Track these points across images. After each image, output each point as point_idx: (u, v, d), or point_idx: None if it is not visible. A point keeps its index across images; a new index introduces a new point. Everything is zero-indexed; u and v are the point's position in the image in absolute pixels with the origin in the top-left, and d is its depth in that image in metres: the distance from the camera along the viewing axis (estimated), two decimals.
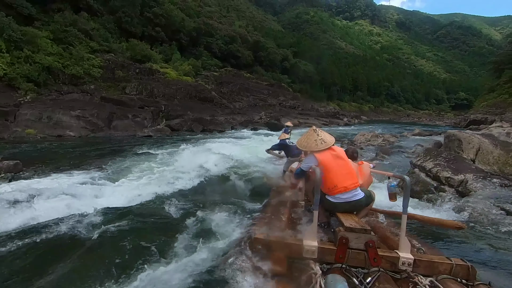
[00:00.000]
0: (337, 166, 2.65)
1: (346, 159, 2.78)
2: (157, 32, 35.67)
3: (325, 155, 2.69)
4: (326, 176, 2.60)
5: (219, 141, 12.43)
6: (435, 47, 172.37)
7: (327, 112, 33.95)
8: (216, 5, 78.76)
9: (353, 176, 2.71)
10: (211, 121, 19.15)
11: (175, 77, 28.52)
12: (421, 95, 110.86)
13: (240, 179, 6.14)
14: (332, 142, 2.80)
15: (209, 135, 15.94)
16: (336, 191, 2.61)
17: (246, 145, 11.51)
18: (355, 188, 2.66)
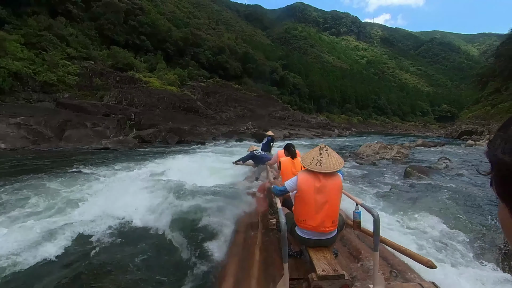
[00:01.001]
0: (314, 202, 2.30)
1: (330, 197, 2.31)
2: (142, 41, 34.51)
3: (308, 182, 2.33)
4: (299, 206, 2.39)
5: (190, 156, 10.68)
6: (418, 62, 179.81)
7: (318, 123, 33.18)
8: (205, 18, 79.27)
9: (327, 220, 2.30)
10: (190, 131, 17.51)
11: (158, 86, 27.11)
12: (407, 107, 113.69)
13: (182, 231, 3.83)
14: (332, 169, 2.31)
15: (184, 148, 14.11)
16: (303, 225, 2.36)
17: (220, 162, 9.33)
18: (325, 233, 2.33)
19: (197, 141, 16.23)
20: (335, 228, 2.38)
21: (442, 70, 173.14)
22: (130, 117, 17.70)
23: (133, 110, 19.23)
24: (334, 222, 2.35)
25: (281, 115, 30.58)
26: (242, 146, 15.16)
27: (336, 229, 2.40)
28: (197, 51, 41.84)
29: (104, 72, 25.18)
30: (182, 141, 15.85)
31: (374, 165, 9.95)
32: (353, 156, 11.29)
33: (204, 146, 15.32)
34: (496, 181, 0.34)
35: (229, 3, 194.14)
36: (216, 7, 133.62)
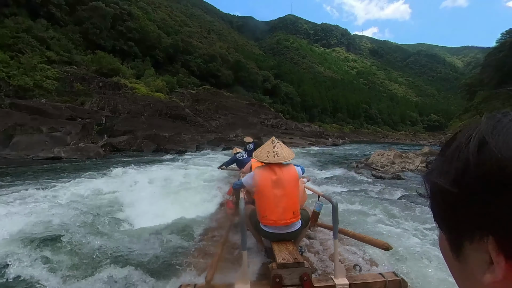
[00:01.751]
0: (273, 196, 2.31)
1: (288, 188, 2.34)
2: (130, 47, 33.41)
3: (265, 177, 2.34)
4: (259, 202, 2.40)
5: (159, 169, 8.47)
6: (406, 73, 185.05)
7: (311, 131, 32.37)
8: (197, 27, 79.04)
9: (288, 211, 2.32)
10: (171, 139, 15.99)
11: (145, 93, 25.86)
12: (397, 117, 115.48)
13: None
14: (288, 159, 2.41)
15: (159, 158, 12.38)
16: (266, 221, 2.36)
17: (194, 176, 7.50)
18: (287, 225, 2.34)
19: (177, 149, 14.53)
20: (297, 219, 2.40)
21: (429, 81, 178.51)
22: (100, 122, 15.87)
23: (104, 113, 17.59)
24: (295, 213, 2.37)
25: (274, 123, 29.65)
26: (230, 155, 13.85)
27: (298, 221, 2.42)
28: (187, 58, 41.01)
29: (86, 77, 23.81)
30: (160, 149, 14.25)
31: (399, 178, 7.91)
32: (365, 167, 9.43)
33: (184, 155, 13.77)
34: (431, 206, 0.30)
35: (221, 14, 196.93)
36: (208, 17, 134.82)
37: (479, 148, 0.25)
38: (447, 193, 0.27)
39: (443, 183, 0.27)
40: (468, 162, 0.25)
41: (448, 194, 0.27)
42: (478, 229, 0.25)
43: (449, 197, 0.27)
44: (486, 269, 0.25)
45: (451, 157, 0.27)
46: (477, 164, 0.24)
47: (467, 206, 0.25)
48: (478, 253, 0.25)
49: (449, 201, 0.27)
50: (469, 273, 0.27)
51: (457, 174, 0.26)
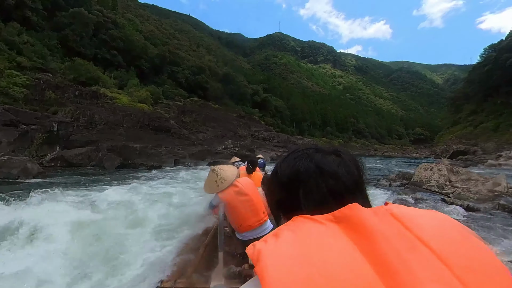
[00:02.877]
0: (240, 204, 2.54)
1: (250, 193, 2.60)
2: (113, 56, 31.71)
3: (228, 193, 2.54)
4: (231, 215, 2.59)
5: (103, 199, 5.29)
6: (390, 88, 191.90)
7: (305, 145, 30.43)
8: (186, 41, 78.68)
9: (258, 212, 2.59)
10: (143, 152, 13.79)
11: (127, 103, 23.97)
12: (384, 131, 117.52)
13: None
14: (233, 178, 2.59)
15: (120, 176, 9.75)
16: (242, 229, 2.57)
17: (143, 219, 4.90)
18: (261, 225, 2.58)
19: (150, 164, 12.34)
20: (267, 218, 2.61)
21: (412, 96, 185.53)
22: (51, 129, 12.93)
23: (57, 119, 14.83)
24: (264, 212, 2.59)
25: (266, 136, 28.22)
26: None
27: (268, 220, 2.61)
28: (175, 69, 39.63)
29: (61, 85, 21.79)
30: (127, 164, 11.73)
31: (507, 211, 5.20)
32: (412, 188, 7.28)
33: (157, 172, 11.22)
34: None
35: (210, 31, 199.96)
36: (197, 33, 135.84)
37: (276, 169, 0.54)
38: (267, 188, 0.57)
39: (266, 182, 0.60)
40: (270, 177, 0.55)
41: (267, 188, 0.57)
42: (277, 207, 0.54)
43: (267, 190, 0.57)
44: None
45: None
46: (272, 177, 0.53)
47: (271, 196, 0.55)
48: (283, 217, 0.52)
49: (267, 192, 0.58)
50: (279, 222, 0.53)
51: (266, 182, 0.57)
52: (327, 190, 0.46)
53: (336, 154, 0.51)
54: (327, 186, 0.47)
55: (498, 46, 38.53)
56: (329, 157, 0.49)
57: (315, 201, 0.46)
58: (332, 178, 0.47)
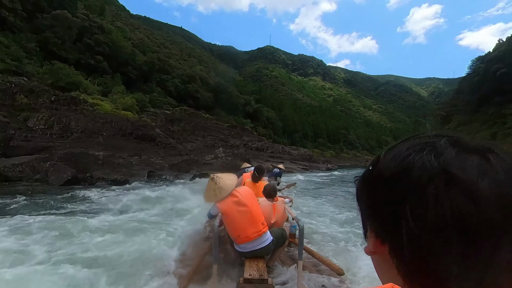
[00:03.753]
0: (239, 214, 2.50)
1: (250, 204, 2.57)
2: (98, 61, 30.06)
3: (226, 203, 2.53)
4: (229, 225, 2.55)
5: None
6: (378, 101, 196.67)
7: (300, 155, 29.88)
8: (177, 50, 77.92)
9: (257, 223, 2.54)
10: (109, 162, 11.25)
11: (109, 110, 22.23)
12: (374, 142, 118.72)
13: None
14: (231, 188, 2.58)
15: (62, 197, 7.22)
16: (240, 240, 2.52)
17: None
18: (259, 236, 2.53)
19: (111, 179, 9.82)
20: (266, 229, 2.58)
21: (400, 108, 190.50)
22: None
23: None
24: (263, 223, 2.57)
25: (259, 146, 26.82)
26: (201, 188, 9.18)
27: (267, 232, 2.58)
28: (164, 77, 38.22)
29: (35, 89, 19.90)
30: (81, 179, 9.13)
31: None
32: None
33: (119, 190, 8.63)
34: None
35: (203, 43, 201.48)
36: (189, 45, 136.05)
37: (377, 160, 0.36)
38: (357, 191, 0.38)
39: (355, 182, 0.39)
40: (367, 169, 0.38)
41: (357, 192, 0.38)
42: (368, 215, 0.36)
43: (356, 193, 0.39)
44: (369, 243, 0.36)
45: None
46: (370, 170, 0.36)
47: (362, 199, 0.37)
48: (370, 233, 0.36)
49: (356, 196, 0.39)
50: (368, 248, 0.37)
51: (361, 176, 0.38)
52: (452, 214, 0.27)
53: (482, 154, 0.30)
54: (454, 207, 0.27)
55: (486, 57, 39.60)
56: (469, 157, 0.29)
57: (428, 227, 0.27)
58: (465, 195, 0.27)
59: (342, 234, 5.02)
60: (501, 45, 38.67)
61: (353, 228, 5.29)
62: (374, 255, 0.33)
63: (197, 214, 5.03)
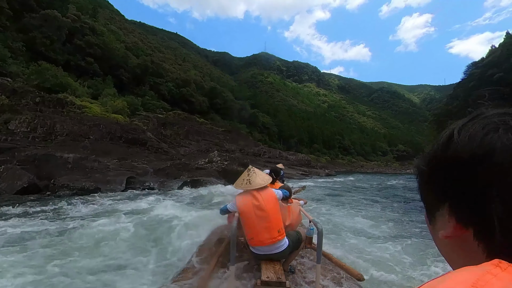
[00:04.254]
0: (256, 218, 2.48)
1: (269, 209, 2.51)
2: (89, 63, 29.05)
3: (246, 203, 2.54)
4: (245, 226, 2.55)
5: None
6: (372, 107, 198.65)
7: (298, 160, 29.11)
8: (172, 55, 77.25)
9: (272, 231, 2.48)
10: (80, 165, 9.81)
11: (98, 113, 21.19)
12: (368, 148, 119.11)
13: None
14: (260, 185, 2.58)
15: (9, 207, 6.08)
16: (253, 243, 2.52)
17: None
18: (273, 243, 2.48)
19: (79, 187, 8.19)
20: (283, 237, 2.51)
21: (393, 114, 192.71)
22: None
23: None
24: (280, 231, 2.50)
25: (256, 151, 25.96)
26: (194, 199, 7.81)
27: (284, 239, 2.52)
28: (157, 81, 37.31)
29: (19, 90, 18.79)
30: (42, 187, 7.61)
31: None
32: None
33: (84, 201, 7.05)
34: (418, 188, 0.38)
35: (198, 49, 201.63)
36: (185, 50, 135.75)
37: (448, 139, 0.32)
38: (422, 172, 0.36)
39: (420, 165, 0.36)
40: (437, 149, 0.34)
41: (423, 173, 0.36)
42: (441, 199, 0.33)
43: (423, 176, 0.36)
44: (444, 227, 0.33)
45: (434, 145, 0.35)
46: (443, 150, 0.33)
47: (434, 181, 0.34)
48: (442, 217, 0.34)
49: (423, 179, 0.36)
50: (436, 232, 0.35)
51: (429, 158, 0.35)
52: None
53: None
54: None
55: (481, 63, 40.10)
56: None
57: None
58: None
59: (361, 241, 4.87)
60: (494, 51, 39.31)
61: (377, 232, 5.22)
62: (451, 239, 0.32)
63: (184, 248, 3.86)
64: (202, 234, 3.89)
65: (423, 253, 4.50)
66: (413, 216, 7.61)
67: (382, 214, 7.79)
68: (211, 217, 4.62)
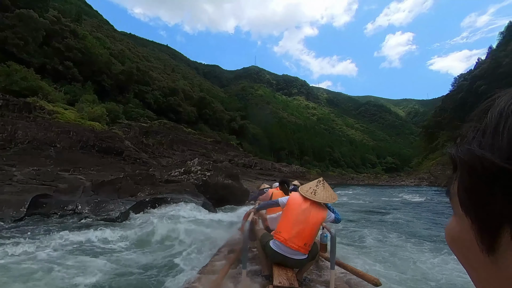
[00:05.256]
0: (296, 219, 2.49)
1: (311, 224, 2.50)
2: (67, 68, 27.07)
3: (297, 202, 2.56)
4: (282, 219, 2.59)
5: None
6: (360, 120, 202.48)
7: (292, 172, 27.49)
8: (161, 65, 75.82)
9: (301, 239, 2.45)
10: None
11: (72, 119, 19.16)
12: (358, 160, 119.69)
13: None
14: (324, 200, 2.53)
15: None
16: (279, 237, 2.52)
17: None
18: (293, 249, 2.46)
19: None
20: (306, 252, 2.49)
21: (380, 127, 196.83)
22: None
23: None
24: (306, 245, 2.47)
25: (246, 162, 24.24)
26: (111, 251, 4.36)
27: (305, 254, 2.52)
28: (143, 89, 35.54)
29: None
30: None
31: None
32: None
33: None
34: (461, 185, 0.23)
35: (188, 61, 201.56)
36: (175, 62, 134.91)
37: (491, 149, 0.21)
38: (496, 171, 0.20)
39: (493, 158, 0.21)
40: (482, 161, 0.21)
41: (497, 172, 0.20)
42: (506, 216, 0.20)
43: (496, 175, 0.20)
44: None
45: (495, 126, 0.21)
46: (490, 163, 0.21)
47: (493, 197, 0.20)
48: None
49: (494, 180, 0.21)
50: (503, 270, 0.21)
51: (472, 171, 0.22)
52: None
53: None
54: None
55: (469, 75, 40.98)
56: None
57: None
58: None
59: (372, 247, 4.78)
60: (482, 62, 40.34)
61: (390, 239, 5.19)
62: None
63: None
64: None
65: None
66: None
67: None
68: None
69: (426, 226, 8.27)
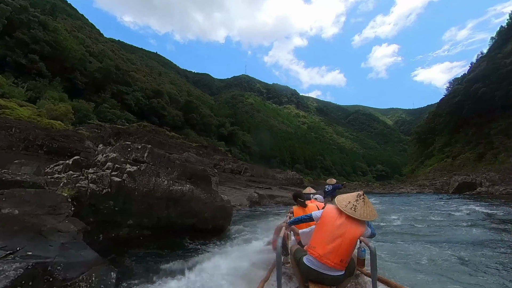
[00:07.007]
0: (330, 234, 2.27)
1: (347, 239, 2.25)
2: (32, 61, 23.94)
3: (333, 216, 2.32)
4: (316, 233, 2.41)
5: None
6: (350, 129, 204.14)
7: (287, 179, 24.72)
8: (147, 69, 72.80)
9: (337, 256, 2.23)
10: None
11: (25, 117, 16.08)
12: (349, 168, 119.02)
13: None
14: (364, 218, 2.26)
15: None
16: (312, 251, 2.35)
17: None
18: (328, 265, 2.27)
19: None
20: (342, 268, 2.32)
21: (369, 135, 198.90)
22: None
23: None
24: (342, 261, 2.29)
25: (235, 168, 21.40)
26: None
27: (341, 270, 2.34)
28: (122, 89, 32.56)
29: None
30: None
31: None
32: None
33: None
34: None
35: (178, 69, 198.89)
36: (164, 69, 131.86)
37: None
38: None
39: None
40: None
41: None
42: None
43: None
44: None
45: None
46: None
47: None
48: None
49: None
50: None
51: None
52: None
53: None
54: None
55: (464, 78, 40.40)
56: None
57: None
58: None
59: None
60: (477, 66, 39.89)
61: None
62: None
63: None
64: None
65: None
66: None
67: None
68: None
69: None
